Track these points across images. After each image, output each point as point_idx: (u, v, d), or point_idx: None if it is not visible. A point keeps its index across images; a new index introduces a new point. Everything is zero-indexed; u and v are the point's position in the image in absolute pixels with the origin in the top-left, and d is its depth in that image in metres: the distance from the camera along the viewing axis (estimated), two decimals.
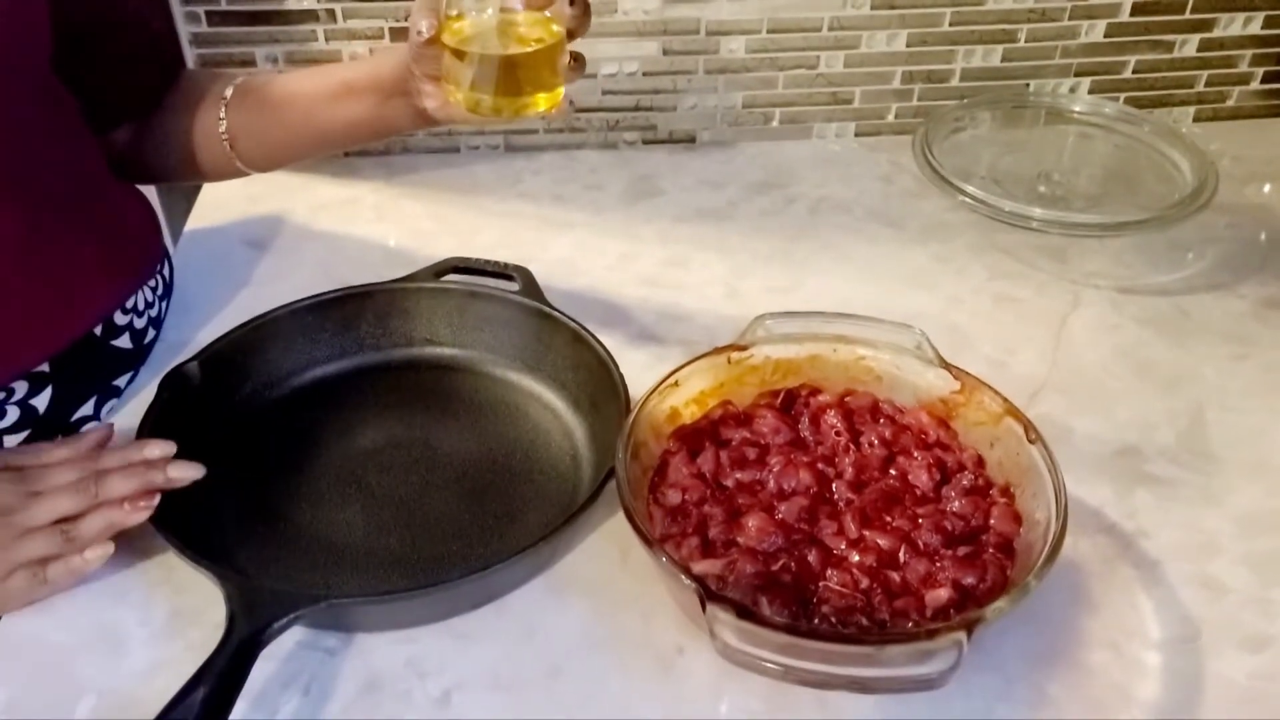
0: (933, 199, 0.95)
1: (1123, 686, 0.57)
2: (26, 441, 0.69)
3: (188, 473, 0.63)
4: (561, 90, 0.63)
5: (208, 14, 0.94)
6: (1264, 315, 0.83)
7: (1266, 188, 1.00)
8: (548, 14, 0.61)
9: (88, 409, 0.73)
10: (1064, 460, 0.68)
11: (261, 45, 0.96)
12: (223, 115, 0.76)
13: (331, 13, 0.95)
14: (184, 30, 0.94)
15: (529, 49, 0.60)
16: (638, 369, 0.71)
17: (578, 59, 0.63)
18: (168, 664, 0.57)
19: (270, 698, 0.56)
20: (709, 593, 0.52)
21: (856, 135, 1.06)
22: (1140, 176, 0.96)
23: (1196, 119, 1.08)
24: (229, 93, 0.76)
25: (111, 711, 0.56)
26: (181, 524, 0.61)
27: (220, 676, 0.51)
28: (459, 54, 0.60)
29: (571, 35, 0.61)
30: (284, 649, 0.58)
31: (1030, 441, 0.61)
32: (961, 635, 0.50)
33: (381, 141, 0.78)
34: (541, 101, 0.62)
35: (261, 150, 0.77)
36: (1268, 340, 0.81)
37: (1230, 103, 1.07)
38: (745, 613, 0.51)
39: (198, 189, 0.98)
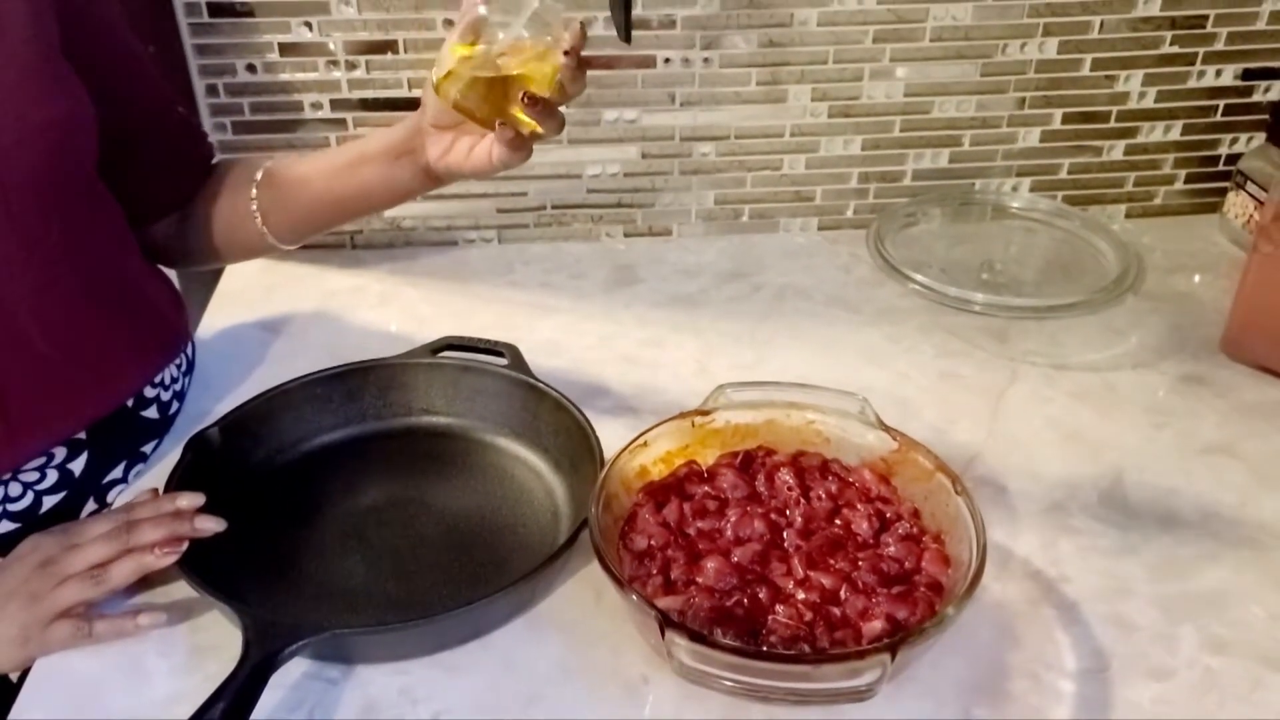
0: (887, 286, 1.05)
1: (1039, 710, 0.64)
2: (63, 501, 0.77)
3: (211, 525, 0.70)
4: (501, 119, 0.69)
5: (233, 123, 1.05)
6: (1182, 390, 0.92)
7: (1196, 278, 1.09)
8: (553, 60, 0.67)
9: (118, 473, 0.81)
10: (996, 515, 0.77)
11: (280, 151, 1.07)
12: (254, 195, 0.84)
13: (343, 121, 1.06)
14: (212, 138, 1.04)
15: (494, 74, 0.68)
16: (614, 436, 0.78)
17: (534, 101, 0.67)
18: (187, 694, 0.64)
19: None
20: (667, 620, 0.60)
21: (819, 229, 1.16)
22: (1074, 266, 1.06)
23: (1128, 215, 1.18)
24: (259, 175, 0.85)
25: None
26: (201, 568, 0.68)
27: (236, 694, 0.58)
28: (466, 60, 0.69)
29: (565, 92, 0.69)
30: (291, 678, 0.65)
31: (957, 493, 0.69)
32: (886, 656, 0.58)
33: (393, 206, 0.86)
34: (490, 119, 0.70)
35: (289, 223, 0.85)
36: (1184, 411, 0.89)
37: (1158, 201, 1.18)
38: (697, 637, 0.59)
39: (217, 279, 1.07)
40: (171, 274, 0.95)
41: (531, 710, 0.64)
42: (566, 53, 0.67)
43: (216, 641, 0.67)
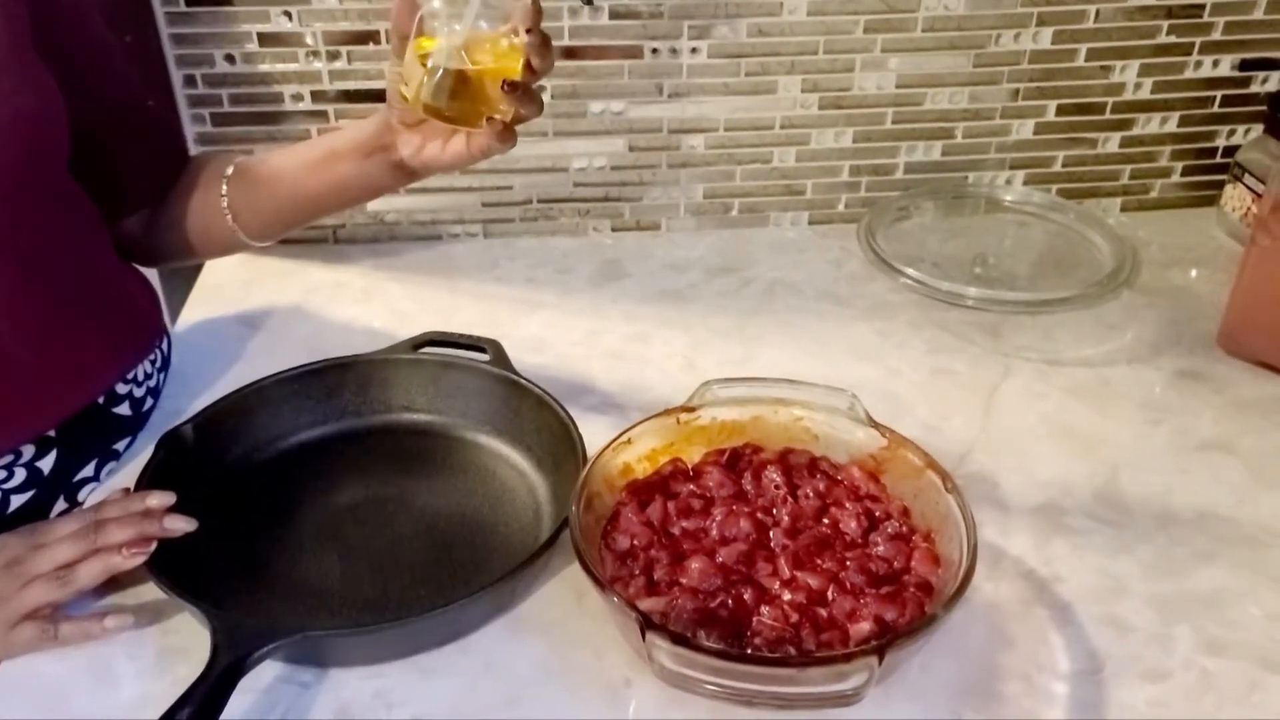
0: (878, 280, 1.03)
1: (1032, 713, 0.62)
2: (31, 500, 0.75)
3: (182, 525, 0.68)
4: (485, 114, 0.68)
5: (212, 115, 1.03)
6: (1177, 385, 0.90)
7: (1193, 272, 1.07)
8: (515, 41, 0.66)
9: (88, 471, 0.79)
10: (988, 514, 0.75)
11: (260, 143, 1.05)
12: (224, 192, 0.82)
13: (325, 113, 1.04)
14: (190, 130, 1.03)
15: (467, 67, 0.67)
16: (599, 433, 0.76)
17: (514, 87, 0.66)
18: (156, 697, 0.61)
19: None
20: (648, 623, 0.58)
21: (810, 223, 1.14)
22: (1069, 260, 1.04)
23: (1124, 209, 1.16)
24: (229, 170, 0.83)
25: None
26: (172, 569, 0.66)
27: (203, 700, 0.56)
28: (421, 62, 0.67)
29: (534, 70, 0.67)
30: (263, 682, 0.63)
31: (947, 491, 0.67)
32: (873, 659, 0.56)
33: (368, 201, 0.84)
34: (469, 118, 0.68)
35: (260, 220, 0.84)
36: (1179, 407, 0.87)
37: (1153, 194, 1.16)
38: (679, 639, 0.57)
39: (196, 274, 1.05)
40: (149, 271, 0.93)
41: (511, 714, 0.62)
42: (528, 30, 0.65)
43: (187, 644, 0.65)
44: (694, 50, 1.03)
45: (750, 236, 1.13)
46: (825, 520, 0.70)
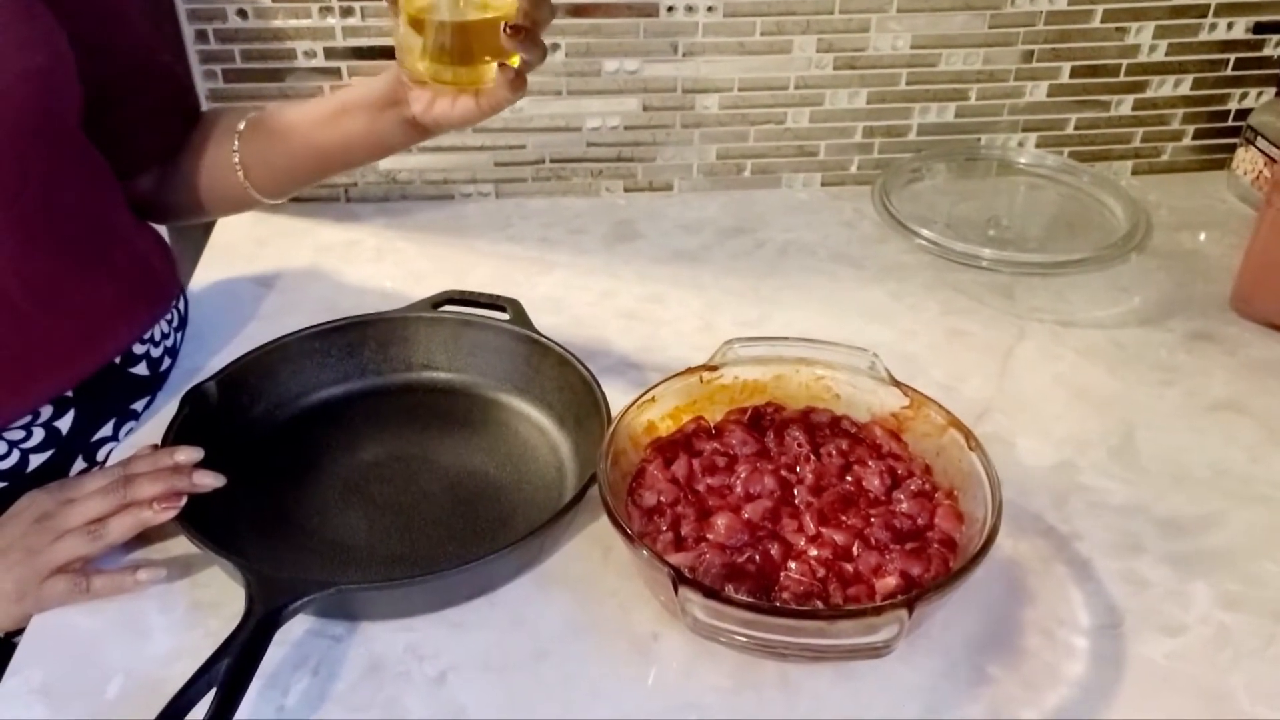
0: (892, 242, 1.03)
1: (1053, 666, 0.63)
2: (50, 460, 0.75)
3: (210, 480, 0.69)
4: (491, 68, 0.68)
5: (224, 71, 1.02)
6: (1190, 347, 0.91)
7: (1202, 235, 1.08)
8: None
9: (107, 430, 0.79)
10: (1006, 473, 0.75)
11: (272, 100, 1.04)
12: (236, 147, 0.82)
13: (338, 70, 1.03)
14: (201, 86, 1.02)
15: (465, 19, 0.67)
16: (618, 392, 0.77)
17: (516, 30, 0.66)
18: (189, 650, 0.62)
19: (283, 677, 0.62)
20: (681, 577, 0.59)
21: (822, 185, 1.14)
22: (1081, 222, 1.05)
23: (1135, 172, 1.17)
24: (242, 126, 0.82)
25: (139, 689, 0.61)
26: (200, 524, 0.67)
27: (241, 649, 0.57)
28: (417, 26, 0.67)
29: (533, 20, 0.66)
30: (295, 635, 0.64)
31: (970, 449, 0.68)
32: (903, 612, 0.57)
33: (380, 159, 0.84)
34: (474, 78, 0.68)
35: (271, 176, 0.83)
36: (1192, 368, 0.88)
37: (1165, 158, 1.16)
38: (711, 593, 0.58)
39: (208, 234, 1.04)
40: (162, 229, 0.93)
41: (539, 667, 0.63)
42: None
43: (217, 598, 0.66)
44: (709, 9, 1.03)
45: (762, 198, 1.13)
46: (849, 478, 0.70)
